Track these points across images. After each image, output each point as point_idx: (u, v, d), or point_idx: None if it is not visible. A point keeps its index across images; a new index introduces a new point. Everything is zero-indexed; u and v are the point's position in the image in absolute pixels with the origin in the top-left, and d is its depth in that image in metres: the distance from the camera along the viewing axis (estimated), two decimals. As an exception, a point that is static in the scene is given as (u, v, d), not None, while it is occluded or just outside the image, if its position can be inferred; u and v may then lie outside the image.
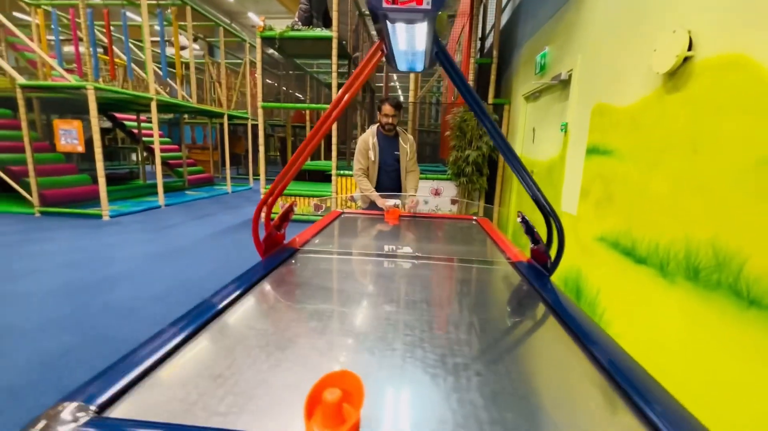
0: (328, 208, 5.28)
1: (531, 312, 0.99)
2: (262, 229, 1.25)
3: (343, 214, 2.23)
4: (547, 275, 1.16)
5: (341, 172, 5.09)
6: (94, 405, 0.53)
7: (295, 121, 12.08)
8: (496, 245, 1.61)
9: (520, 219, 1.29)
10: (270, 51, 6.27)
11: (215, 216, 5.87)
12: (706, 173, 1.42)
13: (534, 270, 1.21)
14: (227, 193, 8.45)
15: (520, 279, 1.19)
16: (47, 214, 5.43)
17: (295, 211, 1.45)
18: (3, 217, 5.25)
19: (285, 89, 9.09)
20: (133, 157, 11.97)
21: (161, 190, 6.45)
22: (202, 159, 11.30)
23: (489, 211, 4.51)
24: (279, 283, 1.09)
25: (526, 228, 1.25)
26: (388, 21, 0.81)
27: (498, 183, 4.98)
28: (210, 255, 3.87)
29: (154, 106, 6.01)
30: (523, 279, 1.18)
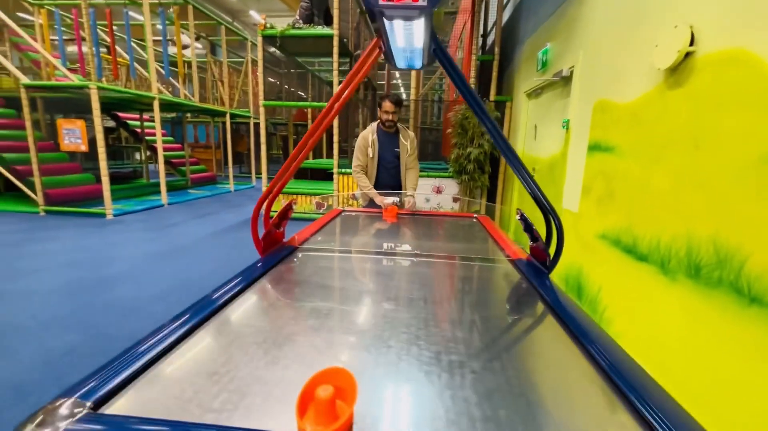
0: (329, 206, 5.29)
1: (529, 310, 0.99)
2: (262, 228, 1.25)
3: (344, 212, 2.24)
4: (546, 273, 1.15)
5: (343, 170, 5.09)
6: (90, 401, 0.54)
7: (297, 120, 12.09)
8: (495, 243, 1.60)
9: (519, 217, 1.29)
10: (272, 49, 6.27)
11: (217, 215, 5.89)
12: (707, 169, 1.40)
13: (533, 268, 1.20)
14: (230, 192, 8.48)
15: (518, 277, 1.19)
16: (52, 212, 5.47)
17: (294, 209, 1.45)
18: (8, 216, 5.29)
19: (287, 87, 9.09)
20: (137, 156, 12.03)
21: (164, 188, 6.48)
22: (204, 158, 11.33)
23: (491, 209, 4.49)
24: (277, 281, 1.09)
25: (524, 226, 1.25)
26: (384, 18, 0.81)
27: (500, 180, 4.96)
28: (211, 254, 3.89)
29: (156, 105, 6.03)
30: (522, 277, 1.18)
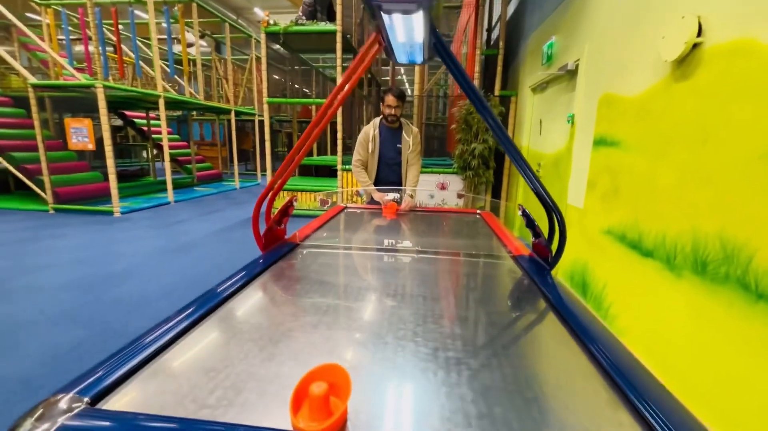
0: (333, 202, 5.30)
1: (529, 307, 0.98)
2: (264, 225, 1.25)
3: (347, 208, 2.23)
4: (548, 269, 1.14)
5: (347, 166, 5.09)
6: (87, 396, 0.55)
7: (302, 117, 12.09)
8: (498, 239, 1.59)
9: (521, 213, 1.27)
10: (276, 46, 6.26)
11: (223, 212, 5.93)
12: (714, 164, 1.38)
13: (535, 264, 1.19)
14: (235, 189, 8.53)
15: (520, 273, 1.18)
16: (60, 210, 5.55)
17: (295, 206, 1.45)
18: (18, 214, 5.38)
19: (291, 84, 9.09)
20: (144, 154, 12.13)
21: (170, 186, 6.53)
22: (210, 155, 11.40)
23: (496, 205, 4.47)
24: (277, 278, 1.10)
25: (527, 222, 1.24)
26: (382, 13, 0.80)
27: (505, 176, 4.93)
28: (216, 250, 3.92)
29: (162, 103, 6.07)
30: (524, 274, 1.17)
